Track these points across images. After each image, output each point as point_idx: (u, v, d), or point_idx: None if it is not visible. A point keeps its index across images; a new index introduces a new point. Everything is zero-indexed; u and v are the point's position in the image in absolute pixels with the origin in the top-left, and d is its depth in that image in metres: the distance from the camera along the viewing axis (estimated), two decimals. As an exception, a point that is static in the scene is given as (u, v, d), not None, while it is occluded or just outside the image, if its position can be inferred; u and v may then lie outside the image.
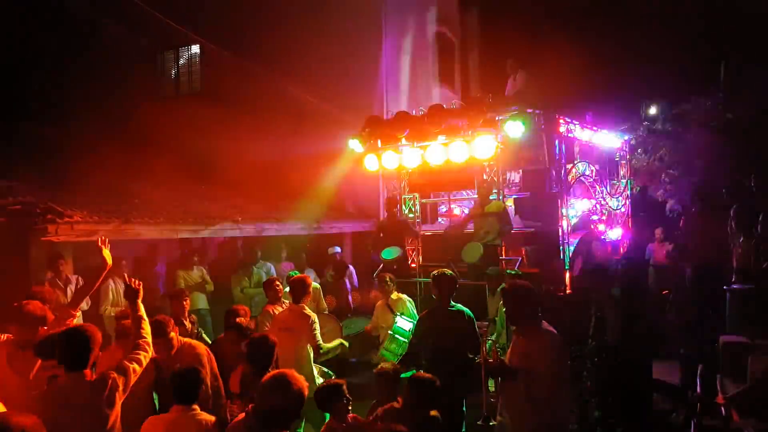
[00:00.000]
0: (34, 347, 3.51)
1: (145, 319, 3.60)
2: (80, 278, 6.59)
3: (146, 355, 3.44)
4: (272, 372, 2.95)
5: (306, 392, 2.80)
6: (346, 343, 5.94)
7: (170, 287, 7.39)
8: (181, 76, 13.43)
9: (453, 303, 4.83)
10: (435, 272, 4.93)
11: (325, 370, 5.49)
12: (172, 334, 4.21)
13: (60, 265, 6.46)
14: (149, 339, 3.54)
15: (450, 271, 4.94)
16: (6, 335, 3.89)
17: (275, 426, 2.74)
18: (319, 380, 5.35)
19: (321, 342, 5.29)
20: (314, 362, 5.25)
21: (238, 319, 5.01)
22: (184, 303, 5.48)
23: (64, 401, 3.01)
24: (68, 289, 6.44)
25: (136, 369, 3.31)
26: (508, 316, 4.00)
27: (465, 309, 4.84)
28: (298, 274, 6.00)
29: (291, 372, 2.90)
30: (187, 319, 5.48)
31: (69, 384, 3.07)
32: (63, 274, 6.48)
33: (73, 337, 3.13)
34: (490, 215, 7.25)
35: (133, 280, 3.67)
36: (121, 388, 3.16)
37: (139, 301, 3.62)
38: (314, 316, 5.36)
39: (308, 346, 5.17)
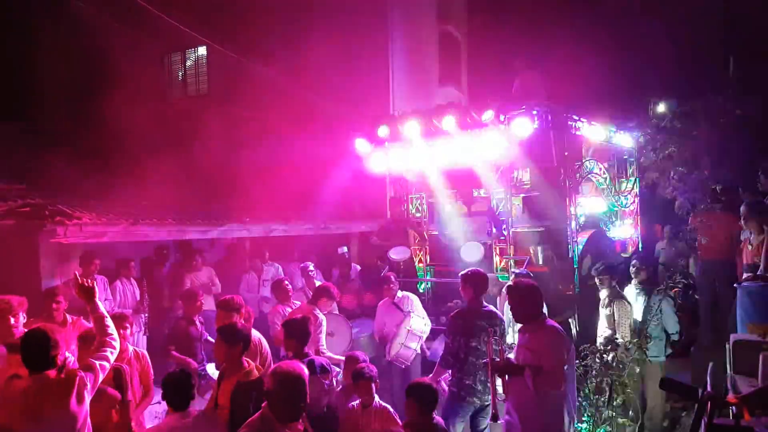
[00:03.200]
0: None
1: (106, 316, 3.55)
2: (105, 279, 6.64)
3: (114, 352, 3.44)
4: (275, 364, 3.13)
5: (306, 379, 2.95)
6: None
7: (177, 289, 7.41)
8: (188, 77, 13.48)
9: (485, 303, 4.85)
10: (467, 271, 4.89)
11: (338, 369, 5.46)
12: (234, 314, 4.49)
13: (92, 266, 6.47)
14: (116, 335, 3.52)
15: (482, 270, 4.94)
16: None
17: (285, 413, 2.87)
18: None
19: (324, 347, 5.30)
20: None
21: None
22: (198, 304, 5.57)
23: (31, 402, 3.01)
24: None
25: (104, 366, 3.32)
26: (513, 313, 4.02)
27: (496, 310, 4.89)
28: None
29: (290, 362, 3.08)
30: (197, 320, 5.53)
31: (33, 385, 3.06)
32: (91, 275, 6.45)
33: (31, 339, 3.13)
34: (478, 214, 7.27)
35: (84, 279, 3.59)
36: (89, 385, 3.17)
37: (96, 299, 3.55)
38: (322, 318, 5.39)
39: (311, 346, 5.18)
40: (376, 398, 4.06)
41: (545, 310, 4.25)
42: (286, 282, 6.34)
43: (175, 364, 5.65)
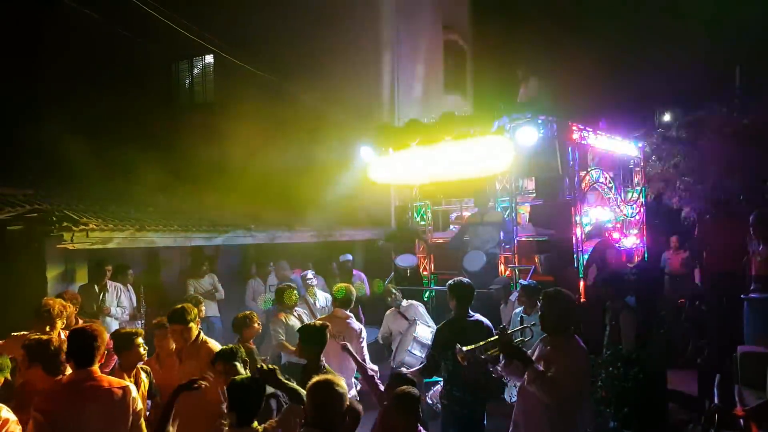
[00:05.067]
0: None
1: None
2: (120, 286, 6.68)
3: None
4: (313, 379, 2.96)
5: (347, 393, 2.86)
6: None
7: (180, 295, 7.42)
8: (194, 85, 13.56)
9: (471, 313, 4.70)
10: (451, 281, 4.75)
11: None
12: (192, 324, 4.27)
13: (106, 272, 6.54)
14: None
15: (467, 280, 4.80)
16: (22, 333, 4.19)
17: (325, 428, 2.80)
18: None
19: (368, 358, 5.22)
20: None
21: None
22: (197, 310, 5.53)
23: (75, 396, 3.08)
24: (102, 295, 6.48)
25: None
26: (544, 322, 3.78)
27: (483, 319, 4.71)
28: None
29: (330, 377, 2.95)
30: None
31: (80, 378, 3.14)
32: (104, 280, 6.55)
33: (80, 335, 3.21)
34: (489, 225, 7.23)
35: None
36: (134, 392, 3.24)
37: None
38: (361, 328, 5.33)
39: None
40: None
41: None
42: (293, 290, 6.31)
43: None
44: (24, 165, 8.96)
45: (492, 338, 3.95)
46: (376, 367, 5.44)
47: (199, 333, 4.33)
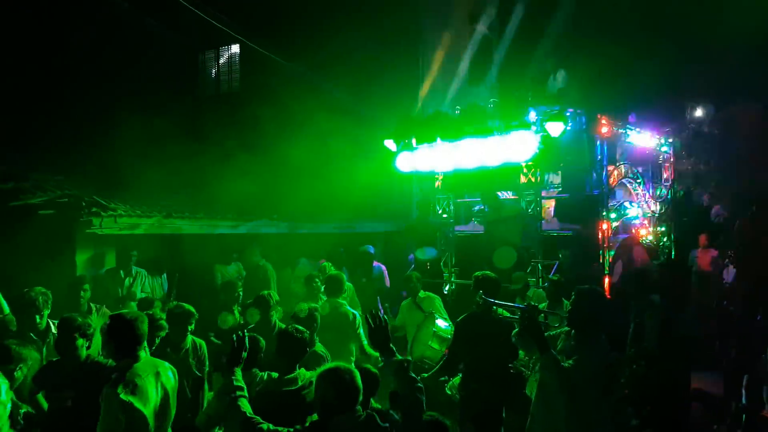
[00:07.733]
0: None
1: None
2: (144, 272, 6.79)
3: None
4: (323, 367, 2.96)
5: (358, 378, 2.83)
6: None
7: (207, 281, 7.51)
8: (221, 75, 13.69)
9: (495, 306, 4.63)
10: (478, 274, 4.71)
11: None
12: (273, 312, 4.55)
13: (131, 257, 6.63)
14: None
15: (494, 274, 4.75)
16: None
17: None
18: None
19: (366, 344, 5.28)
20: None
21: None
22: (236, 294, 5.72)
23: None
24: (127, 280, 6.57)
25: None
26: (572, 317, 3.70)
27: (507, 314, 4.63)
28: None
29: (340, 365, 2.94)
30: (235, 311, 5.66)
31: None
32: (130, 266, 6.64)
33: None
34: (508, 219, 7.16)
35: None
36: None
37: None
38: (356, 314, 5.39)
39: (351, 344, 5.20)
40: None
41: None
42: (317, 279, 6.36)
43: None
44: (55, 151, 9.15)
45: (519, 306, 3.88)
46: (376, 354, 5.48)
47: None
